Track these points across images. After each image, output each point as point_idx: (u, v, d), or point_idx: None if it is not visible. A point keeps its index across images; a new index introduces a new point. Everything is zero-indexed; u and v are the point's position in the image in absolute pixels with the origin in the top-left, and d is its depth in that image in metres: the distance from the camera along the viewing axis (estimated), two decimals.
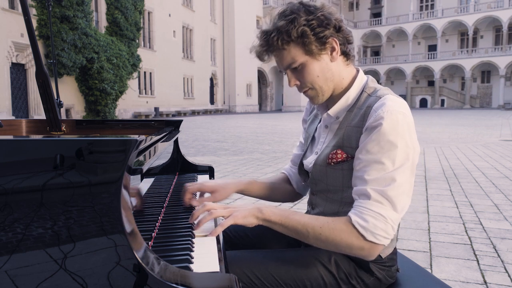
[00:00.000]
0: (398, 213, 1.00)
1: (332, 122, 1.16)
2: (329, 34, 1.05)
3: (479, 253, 2.77)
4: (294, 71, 1.10)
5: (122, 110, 25.67)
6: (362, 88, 1.13)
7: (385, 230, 0.99)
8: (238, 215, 1.03)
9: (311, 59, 1.07)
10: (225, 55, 39.93)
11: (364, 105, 1.09)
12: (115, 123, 1.93)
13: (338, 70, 1.11)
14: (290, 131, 15.21)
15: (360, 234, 0.99)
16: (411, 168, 1.02)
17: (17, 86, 19.13)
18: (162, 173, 1.54)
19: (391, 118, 0.99)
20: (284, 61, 1.09)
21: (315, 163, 1.17)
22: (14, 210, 0.72)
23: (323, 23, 1.04)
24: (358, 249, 1.00)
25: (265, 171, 6.33)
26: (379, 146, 0.99)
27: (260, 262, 1.11)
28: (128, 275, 0.70)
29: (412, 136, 1.02)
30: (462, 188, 4.97)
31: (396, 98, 1.05)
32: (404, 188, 1.00)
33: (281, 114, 36.86)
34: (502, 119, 23.36)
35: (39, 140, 0.78)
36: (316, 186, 1.20)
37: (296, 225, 1.03)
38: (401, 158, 0.99)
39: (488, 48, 44.74)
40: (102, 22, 24.11)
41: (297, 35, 1.03)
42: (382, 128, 0.99)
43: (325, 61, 1.08)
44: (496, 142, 10.80)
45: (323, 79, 1.09)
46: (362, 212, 0.99)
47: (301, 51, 1.06)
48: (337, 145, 1.11)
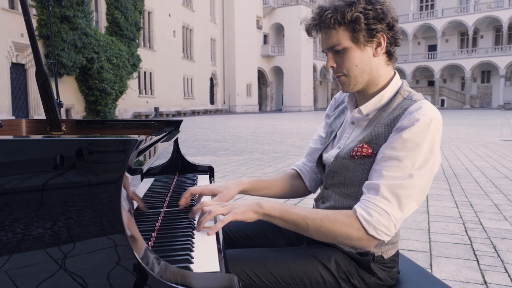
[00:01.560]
0: (404, 213, 1.01)
1: (360, 118, 1.16)
2: (380, 28, 1.06)
3: (479, 253, 2.77)
4: (336, 54, 1.11)
5: (122, 110, 25.66)
6: (397, 90, 1.14)
7: (388, 227, 1.00)
8: (237, 211, 1.04)
9: (355, 47, 1.08)
10: (225, 55, 39.93)
11: (399, 106, 1.09)
12: (115, 123, 1.92)
13: (377, 66, 1.11)
14: (290, 131, 15.21)
15: (362, 227, 1.01)
16: (429, 175, 1.02)
17: (17, 86, 19.13)
18: (162, 173, 1.54)
19: (425, 120, 1.00)
20: (329, 40, 1.09)
21: (337, 155, 1.16)
22: (14, 210, 0.72)
23: (379, 16, 1.05)
24: (357, 240, 1.02)
25: (265, 171, 6.33)
26: (404, 144, 1.00)
27: (260, 260, 1.11)
28: (128, 275, 0.70)
29: (438, 144, 1.03)
30: (462, 188, 4.97)
31: (431, 104, 1.07)
32: (415, 191, 1.01)
33: (281, 114, 36.86)
34: (502, 119, 23.36)
35: (39, 140, 0.78)
36: (333, 179, 1.19)
37: (296, 218, 1.04)
38: (421, 160, 1.00)
39: (488, 48, 44.73)
40: (102, 22, 24.10)
41: (350, 19, 1.04)
42: (414, 128, 1.00)
43: (368, 53, 1.09)
44: (496, 142, 10.80)
45: (360, 69, 1.10)
46: (368, 206, 1.01)
47: (348, 36, 1.06)
48: (364, 140, 1.11)
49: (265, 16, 44.61)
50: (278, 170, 6.38)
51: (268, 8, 44.41)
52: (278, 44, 45.70)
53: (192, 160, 1.82)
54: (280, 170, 6.43)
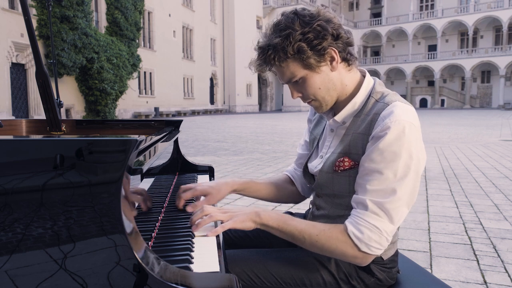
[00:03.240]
0: (395, 225, 1.01)
1: (338, 126, 1.15)
2: (327, 45, 1.02)
3: (479, 253, 2.77)
4: (295, 84, 1.09)
5: (122, 110, 25.66)
6: (369, 93, 1.11)
7: (379, 242, 1.00)
8: (237, 219, 1.04)
9: (310, 73, 1.05)
10: (225, 55, 39.92)
11: (371, 111, 1.07)
12: (115, 123, 1.92)
13: (339, 78, 1.09)
14: (290, 131, 15.21)
15: (354, 244, 1.01)
16: (414, 179, 1.01)
17: (17, 86, 19.13)
18: (162, 173, 1.54)
19: (397, 128, 0.98)
20: (284, 76, 1.08)
21: (321, 170, 1.16)
22: (14, 210, 0.72)
23: (320, 34, 1.01)
24: (352, 257, 1.03)
25: (265, 171, 6.33)
26: (382, 156, 0.99)
27: (260, 261, 1.12)
28: (128, 275, 0.70)
29: (418, 147, 1.01)
30: (462, 188, 4.97)
31: (404, 105, 1.03)
32: (403, 201, 1.00)
33: (281, 114, 36.86)
34: (502, 119, 23.36)
35: (39, 140, 0.78)
36: (322, 190, 1.19)
37: (293, 230, 1.04)
38: (403, 169, 0.98)
39: (488, 48, 44.73)
40: (102, 22, 24.10)
41: (293, 52, 1.01)
42: (387, 138, 0.98)
43: (325, 72, 1.06)
44: (496, 142, 10.80)
45: (325, 90, 1.08)
46: (358, 223, 1.00)
47: (299, 65, 1.04)
48: (344, 152, 1.10)
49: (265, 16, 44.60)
50: (278, 170, 6.38)
51: (268, 8, 44.39)
52: None
53: (192, 160, 1.82)
54: (280, 170, 6.43)
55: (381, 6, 51.48)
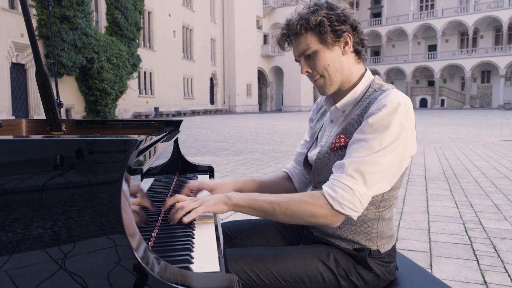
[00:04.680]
0: (369, 189, 1.05)
1: (338, 116, 1.22)
2: (344, 29, 1.14)
3: (479, 253, 2.77)
4: (307, 59, 1.18)
5: (122, 110, 25.66)
6: (369, 84, 1.19)
7: (352, 202, 1.04)
8: (209, 203, 1.08)
9: (324, 48, 1.15)
10: (225, 55, 39.93)
11: (369, 98, 1.15)
12: (115, 123, 1.92)
13: (348, 64, 1.18)
14: (290, 131, 15.21)
15: (328, 202, 1.04)
16: (398, 156, 1.06)
17: (17, 86, 19.13)
18: (162, 173, 1.54)
19: (392, 105, 1.05)
20: (299, 47, 1.17)
21: (320, 152, 1.22)
22: (14, 210, 0.72)
23: (341, 19, 1.13)
24: (322, 216, 1.06)
25: (265, 171, 6.33)
26: (372, 128, 1.06)
27: (259, 259, 1.12)
28: (128, 275, 0.70)
29: (408, 128, 1.07)
30: (462, 188, 4.97)
31: (400, 92, 1.12)
32: (381, 168, 1.04)
33: (281, 114, 36.86)
34: (502, 119, 23.36)
35: (39, 140, 0.78)
36: (319, 176, 1.23)
37: (263, 204, 1.08)
38: (388, 141, 1.04)
39: (488, 48, 44.73)
40: (102, 22, 24.10)
41: (315, 24, 1.12)
42: (381, 112, 1.05)
43: (337, 52, 1.16)
44: (496, 142, 10.80)
45: (333, 68, 1.16)
46: (333, 184, 1.06)
47: (316, 39, 1.14)
48: (340, 132, 1.17)
49: (265, 16, 44.62)
50: (278, 170, 6.37)
51: (268, 8, 44.41)
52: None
53: (192, 160, 1.82)
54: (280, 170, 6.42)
55: (381, 6, 51.47)
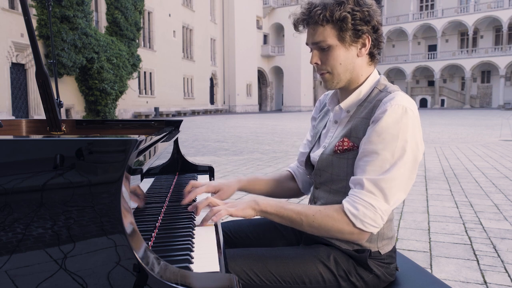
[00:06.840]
0: (390, 205, 1.05)
1: (342, 116, 1.20)
2: (366, 30, 1.10)
3: (479, 253, 2.77)
4: (321, 51, 1.14)
5: (122, 110, 25.65)
6: (375, 85, 1.17)
7: (374, 219, 1.04)
8: (238, 208, 1.09)
9: (340, 45, 1.11)
10: (225, 55, 39.92)
11: (374, 99, 1.13)
12: (115, 123, 1.92)
13: (360, 66, 1.15)
14: (290, 131, 15.21)
15: (350, 221, 1.04)
16: (411, 164, 1.05)
17: (17, 86, 19.13)
18: (162, 173, 1.54)
19: (396, 111, 1.03)
20: (316, 36, 1.12)
21: (322, 153, 1.20)
22: (14, 210, 0.72)
23: (365, 18, 1.09)
24: (348, 233, 1.07)
25: (265, 171, 6.33)
26: (380, 137, 1.03)
27: (259, 259, 1.12)
28: (128, 275, 0.70)
29: (416, 133, 1.05)
30: (462, 188, 4.97)
31: (405, 95, 1.10)
32: (399, 182, 1.04)
33: (281, 114, 36.86)
34: (502, 119, 23.36)
35: (39, 140, 0.78)
36: (321, 177, 1.22)
37: (290, 214, 1.08)
38: (400, 151, 1.03)
39: (488, 48, 44.73)
40: (102, 22, 24.10)
41: (338, 18, 1.07)
42: (385, 120, 1.03)
43: (352, 53, 1.13)
44: (496, 142, 10.80)
45: (343, 68, 1.13)
46: (355, 201, 1.05)
47: (335, 34, 1.10)
48: (345, 135, 1.15)
49: (265, 16, 44.61)
50: (278, 170, 6.38)
51: (268, 8, 44.40)
52: (278, 44, 45.69)
53: (192, 160, 1.82)
54: (280, 170, 6.42)
55: (381, 6, 51.35)
